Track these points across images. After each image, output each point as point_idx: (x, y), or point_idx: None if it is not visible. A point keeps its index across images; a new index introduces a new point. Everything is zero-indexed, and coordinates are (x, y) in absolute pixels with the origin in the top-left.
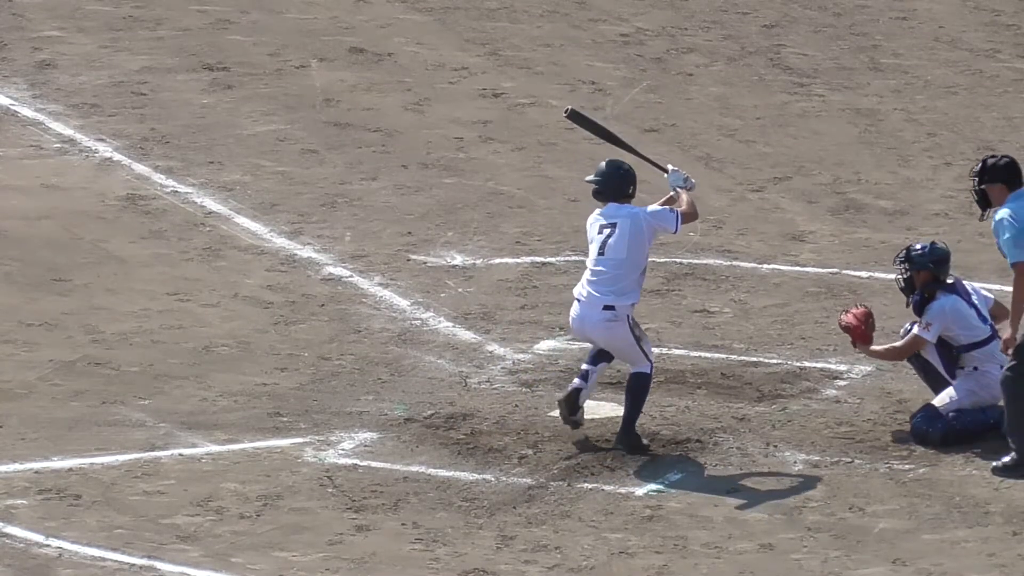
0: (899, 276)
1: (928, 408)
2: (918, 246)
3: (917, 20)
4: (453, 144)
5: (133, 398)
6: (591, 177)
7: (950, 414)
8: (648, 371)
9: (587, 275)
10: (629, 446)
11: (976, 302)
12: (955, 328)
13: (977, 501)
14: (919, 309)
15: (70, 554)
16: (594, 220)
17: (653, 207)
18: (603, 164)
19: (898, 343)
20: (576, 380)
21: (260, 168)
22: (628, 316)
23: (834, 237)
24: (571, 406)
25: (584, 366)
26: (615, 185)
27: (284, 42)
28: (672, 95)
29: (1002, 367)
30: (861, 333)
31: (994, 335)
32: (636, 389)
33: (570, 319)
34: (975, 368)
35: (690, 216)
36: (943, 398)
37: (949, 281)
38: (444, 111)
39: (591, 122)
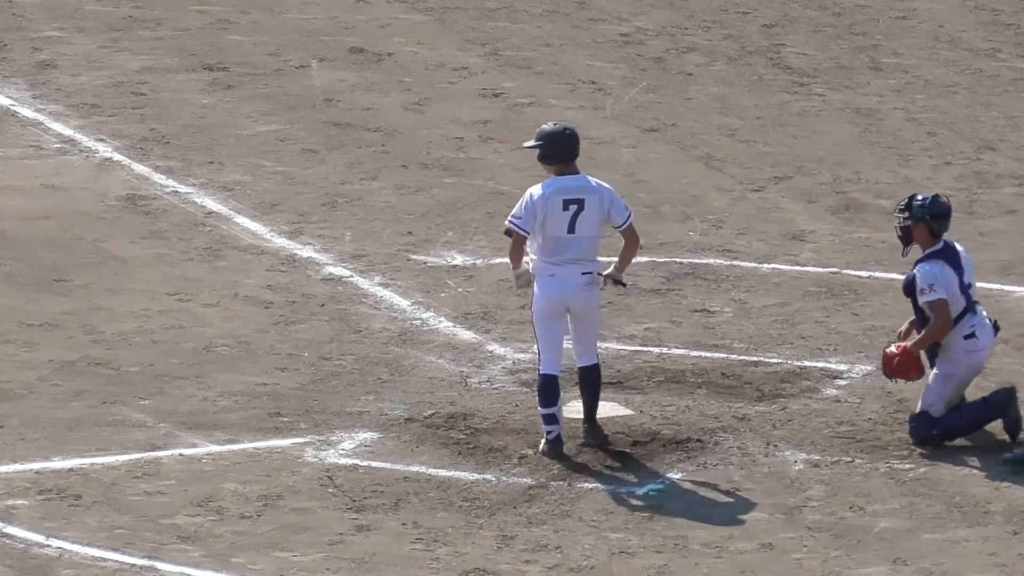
0: (897, 225)
1: (920, 415)
2: (920, 196)
3: (917, 20)
4: (453, 144)
5: (133, 398)
6: (531, 143)
7: (951, 413)
8: (598, 361)
9: (556, 254)
10: (599, 440)
11: (965, 274)
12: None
13: (977, 500)
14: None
15: (70, 554)
16: (553, 194)
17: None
18: (545, 126)
19: (930, 325)
20: (554, 427)
21: (260, 168)
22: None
23: (834, 236)
24: (560, 453)
25: (550, 411)
26: (564, 146)
27: (284, 42)
28: (672, 95)
29: (965, 337)
30: (910, 361)
31: (967, 311)
32: (596, 383)
33: (548, 292)
34: (938, 344)
35: (633, 243)
36: (926, 399)
37: (939, 247)
38: (444, 111)
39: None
